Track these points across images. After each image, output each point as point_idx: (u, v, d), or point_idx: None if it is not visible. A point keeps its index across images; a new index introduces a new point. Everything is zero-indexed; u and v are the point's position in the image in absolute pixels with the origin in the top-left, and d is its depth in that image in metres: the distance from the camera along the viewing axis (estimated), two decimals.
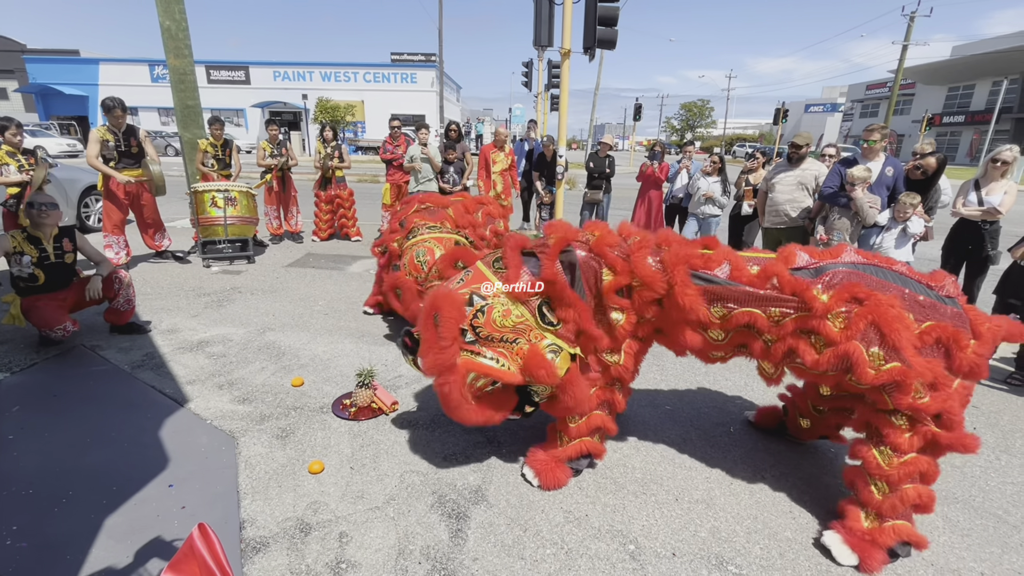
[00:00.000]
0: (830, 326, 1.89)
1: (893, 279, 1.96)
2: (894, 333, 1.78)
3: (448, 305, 1.99)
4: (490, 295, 2.10)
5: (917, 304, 1.88)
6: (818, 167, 4.82)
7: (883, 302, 1.82)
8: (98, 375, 3.28)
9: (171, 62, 6.35)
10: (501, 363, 2.07)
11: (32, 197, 3.51)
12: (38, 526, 2.03)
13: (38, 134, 20.95)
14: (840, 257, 2.08)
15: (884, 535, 1.94)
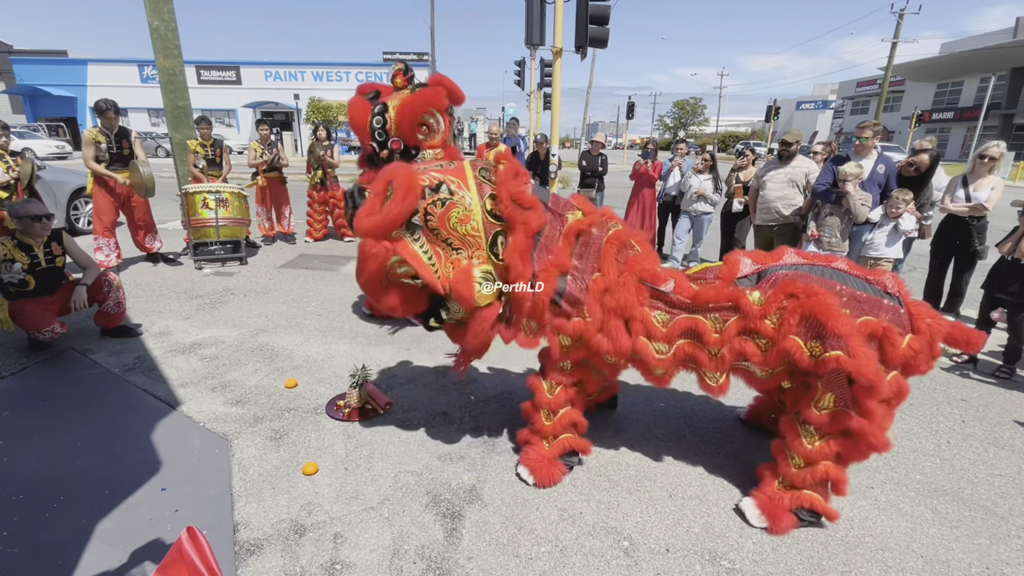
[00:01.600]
0: (767, 325, 2.00)
1: (832, 277, 2.05)
2: (830, 320, 1.85)
3: (406, 181, 1.92)
4: (457, 194, 2.04)
5: (854, 300, 1.96)
6: (808, 164, 4.85)
7: (815, 293, 1.91)
8: (89, 379, 3.26)
9: (160, 63, 6.30)
10: (433, 263, 2.04)
11: (33, 209, 3.47)
12: (30, 531, 2.01)
13: (26, 136, 20.71)
14: (781, 259, 2.19)
15: (790, 500, 2.12)
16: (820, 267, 2.11)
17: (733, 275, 2.16)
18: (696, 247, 6.40)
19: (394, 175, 1.92)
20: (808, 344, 1.90)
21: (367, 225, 1.91)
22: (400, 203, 1.90)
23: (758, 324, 1.99)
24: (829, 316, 1.85)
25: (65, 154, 20.94)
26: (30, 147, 18.32)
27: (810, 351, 1.90)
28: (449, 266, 2.04)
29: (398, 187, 1.90)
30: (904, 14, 25.85)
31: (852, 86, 43.31)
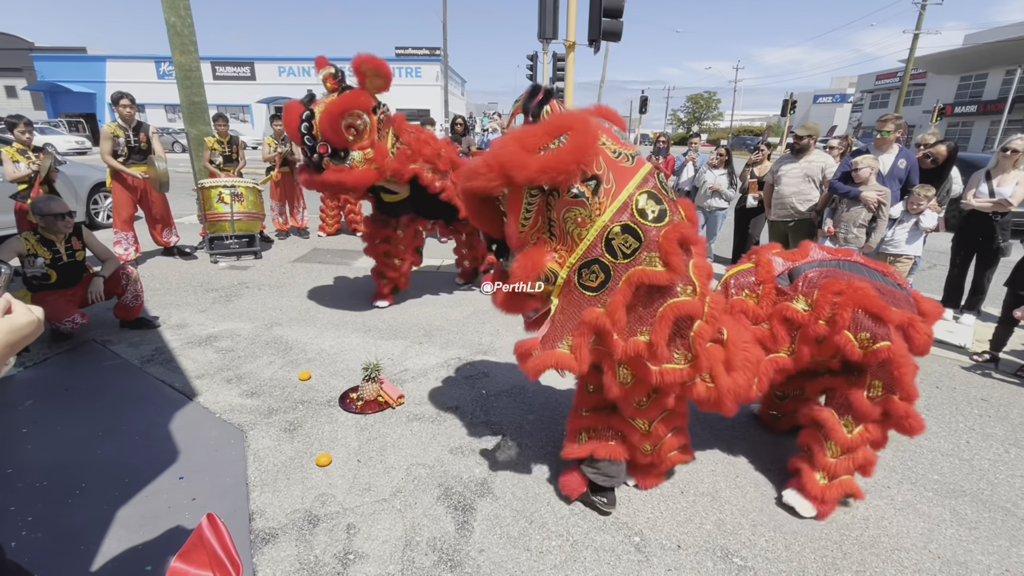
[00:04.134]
0: (821, 325, 2.07)
1: (855, 270, 2.16)
2: (883, 312, 1.96)
3: (583, 147, 1.64)
4: (595, 200, 1.71)
5: (879, 291, 2.07)
6: (825, 159, 4.77)
7: (860, 288, 2.02)
8: (109, 369, 3.33)
9: (177, 59, 6.37)
10: (525, 222, 1.84)
11: (56, 207, 3.54)
12: (53, 517, 2.07)
13: (47, 131, 21.11)
14: (810, 256, 2.27)
15: (837, 490, 2.17)
16: (843, 262, 2.20)
17: (772, 276, 2.24)
18: (710, 243, 6.33)
19: (576, 129, 1.64)
20: (858, 337, 1.99)
21: (512, 157, 1.63)
22: (562, 161, 1.61)
23: (815, 329, 2.07)
24: (878, 307, 1.95)
25: (84, 149, 21.31)
26: (50, 142, 18.69)
27: (860, 343, 1.99)
28: (535, 237, 1.85)
29: (570, 149, 1.62)
30: (927, 5, 25.20)
31: (871, 79, 42.40)
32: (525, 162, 1.61)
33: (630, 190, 1.72)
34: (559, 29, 6.88)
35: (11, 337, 0.73)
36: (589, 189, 1.69)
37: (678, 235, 1.71)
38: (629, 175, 1.73)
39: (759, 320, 2.23)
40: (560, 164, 1.61)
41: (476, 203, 1.92)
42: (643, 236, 1.69)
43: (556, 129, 1.66)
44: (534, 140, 1.65)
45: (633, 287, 1.71)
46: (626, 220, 1.70)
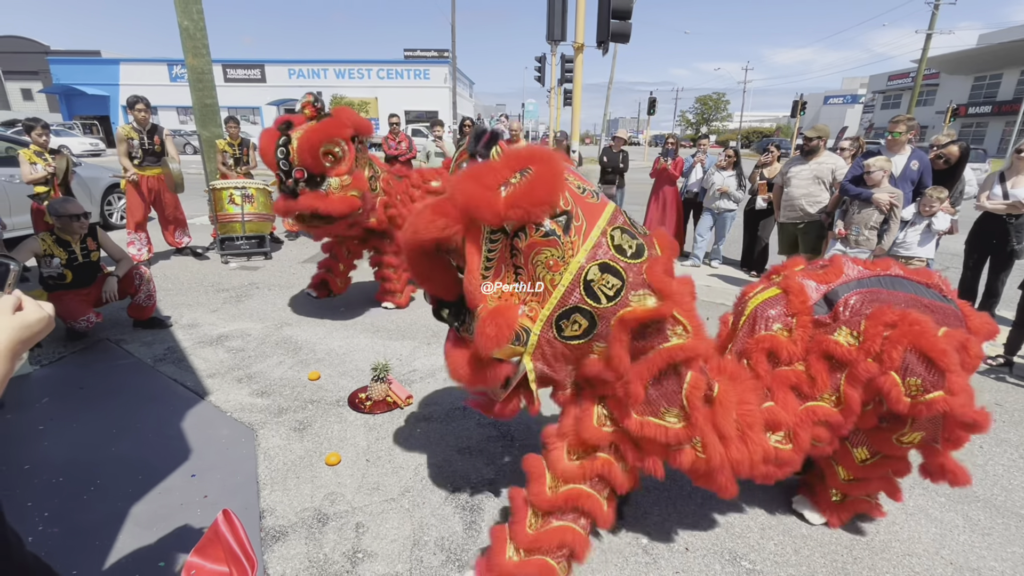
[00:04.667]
0: (871, 364, 1.71)
1: (898, 286, 1.84)
2: (938, 356, 1.60)
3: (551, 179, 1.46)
4: (566, 239, 1.51)
5: (928, 310, 1.78)
6: (835, 160, 4.74)
7: (917, 322, 1.65)
8: (122, 368, 3.38)
9: (189, 62, 6.45)
10: (487, 270, 1.60)
11: (72, 208, 3.60)
12: (68, 513, 2.11)
13: (62, 134, 21.44)
14: (845, 274, 1.92)
15: (848, 509, 2.13)
16: (884, 277, 1.89)
17: (808, 305, 1.86)
18: (718, 245, 6.31)
19: (540, 162, 1.48)
20: (906, 382, 1.65)
21: (473, 196, 1.45)
22: (533, 192, 1.44)
23: (865, 368, 1.70)
24: (935, 350, 1.60)
25: (99, 151, 21.63)
26: (65, 144, 18.99)
27: (908, 390, 1.65)
28: (497, 291, 1.60)
29: (539, 180, 1.46)
30: (940, 4, 24.90)
31: (883, 79, 41.98)
32: (489, 199, 1.44)
33: (601, 226, 1.55)
34: (568, 31, 6.90)
35: (23, 334, 0.74)
36: (559, 226, 1.50)
37: (664, 268, 1.58)
38: (597, 211, 1.58)
39: (793, 360, 1.85)
40: (531, 196, 1.43)
41: (423, 260, 1.67)
42: (625, 275, 1.52)
43: (517, 162, 1.50)
44: (494, 176, 1.47)
45: (628, 330, 1.54)
46: (604, 259, 1.52)
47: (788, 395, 1.81)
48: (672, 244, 1.72)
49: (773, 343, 1.87)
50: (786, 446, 1.77)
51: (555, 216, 1.52)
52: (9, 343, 0.72)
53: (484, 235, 1.54)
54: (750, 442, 1.67)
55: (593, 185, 1.68)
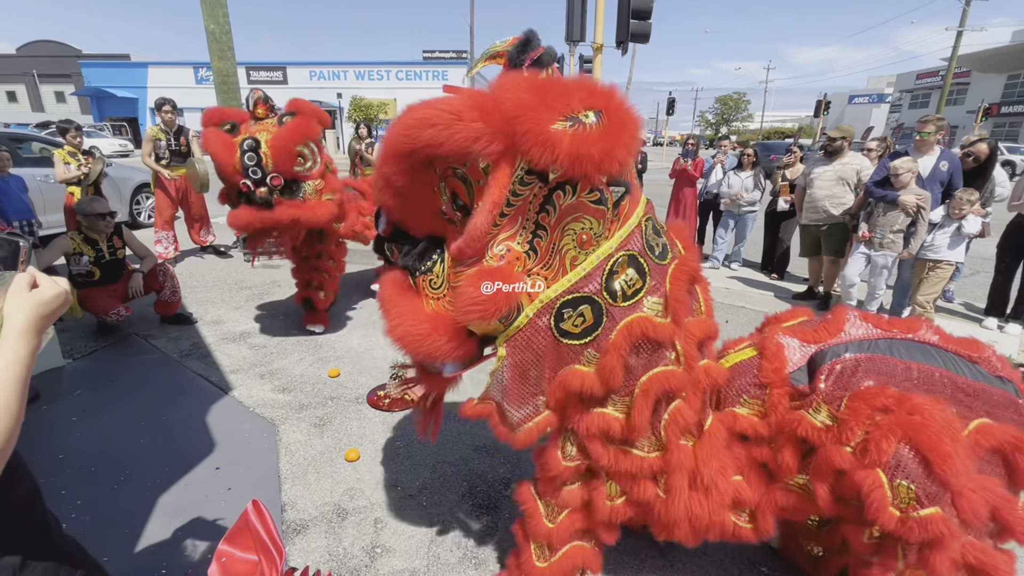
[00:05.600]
0: (845, 453, 1.30)
1: (923, 356, 1.39)
2: (939, 461, 1.18)
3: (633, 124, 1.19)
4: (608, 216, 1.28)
5: (959, 391, 1.33)
6: (860, 161, 4.64)
7: (919, 410, 1.24)
8: (150, 362, 3.48)
9: (215, 64, 6.59)
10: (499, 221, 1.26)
11: (98, 207, 3.73)
12: (100, 502, 2.18)
13: (92, 135, 22.12)
14: (843, 332, 1.49)
15: None
16: (901, 342, 1.42)
17: (783, 375, 1.47)
18: (739, 247, 6.22)
19: (620, 109, 1.17)
20: (894, 485, 1.22)
21: (528, 111, 1.09)
22: (608, 143, 1.12)
23: (836, 457, 1.30)
24: (940, 453, 1.17)
25: (127, 152, 22.27)
26: (96, 145, 19.61)
27: (896, 498, 1.22)
28: (503, 248, 1.26)
29: (622, 129, 1.15)
30: (971, 0, 24.18)
31: (911, 78, 40.90)
32: (553, 127, 1.08)
33: (640, 214, 1.32)
34: (587, 31, 6.89)
35: (41, 310, 0.74)
36: (614, 196, 1.24)
37: (687, 273, 1.34)
38: (638, 195, 1.35)
39: (762, 440, 1.50)
40: (608, 145, 1.10)
41: (406, 173, 1.23)
42: (649, 274, 1.30)
43: (592, 97, 1.15)
44: (563, 101, 1.11)
45: (632, 341, 1.27)
46: (634, 251, 1.29)
47: (754, 472, 1.50)
48: (693, 243, 1.52)
49: (736, 424, 1.51)
50: (746, 525, 1.50)
51: (614, 183, 1.24)
52: (30, 320, 0.72)
53: (518, 169, 1.17)
54: (712, 501, 1.42)
55: None
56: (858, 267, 4.20)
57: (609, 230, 1.27)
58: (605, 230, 1.26)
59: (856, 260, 4.19)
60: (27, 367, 0.70)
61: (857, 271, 4.22)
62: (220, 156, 3.14)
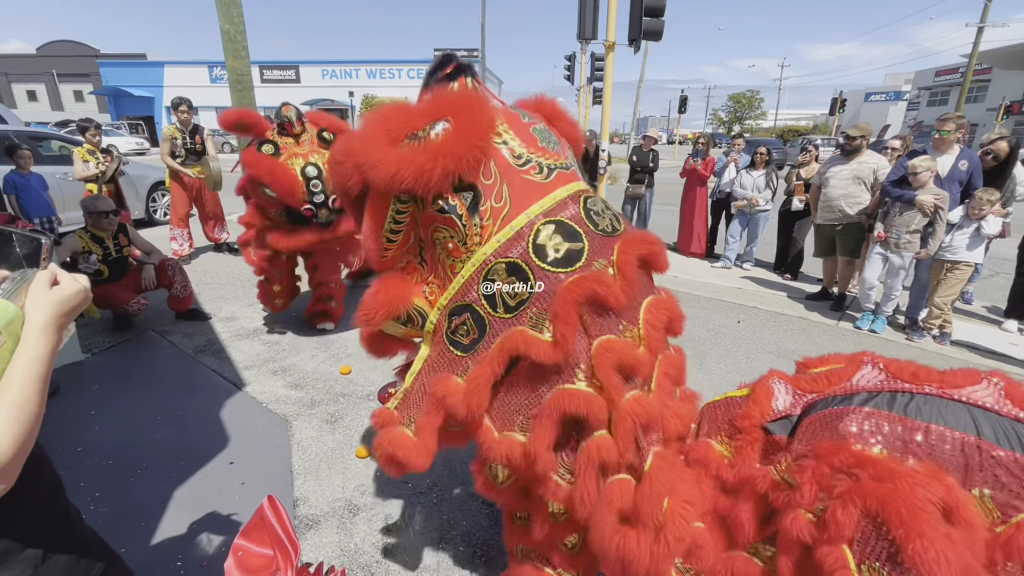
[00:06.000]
0: (803, 520, 1.06)
1: (953, 418, 1.02)
2: (917, 539, 0.89)
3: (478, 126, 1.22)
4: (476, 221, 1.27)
5: (1000, 468, 0.96)
6: (877, 160, 4.57)
7: (893, 474, 0.97)
8: (166, 358, 3.54)
9: (230, 64, 6.65)
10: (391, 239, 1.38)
11: (102, 205, 3.80)
12: (117, 494, 2.22)
13: (110, 133, 22.47)
14: (850, 380, 1.19)
15: None
16: (929, 399, 1.06)
17: (760, 417, 1.26)
18: (751, 246, 6.16)
19: (462, 114, 1.20)
20: (863, 567, 0.96)
21: (366, 146, 1.20)
22: (427, 158, 1.15)
23: (795, 525, 1.06)
24: (909, 530, 0.90)
25: (144, 150, 22.61)
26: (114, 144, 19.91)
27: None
28: (404, 260, 1.40)
29: (450, 139, 1.17)
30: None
31: (930, 75, 40.12)
32: (381, 155, 1.17)
33: (532, 214, 1.23)
34: (599, 29, 6.85)
35: (62, 307, 0.75)
36: (463, 203, 1.22)
37: (584, 292, 1.16)
38: (537, 193, 1.26)
39: (727, 487, 1.29)
40: (432, 158, 1.14)
41: (350, 203, 1.43)
42: (533, 282, 1.21)
43: (436, 111, 1.20)
44: (403, 123, 1.19)
45: (507, 356, 1.21)
46: (515, 257, 1.22)
47: (716, 527, 1.28)
48: (656, 254, 1.34)
49: (704, 455, 1.33)
50: None
51: (459, 189, 1.22)
52: (51, 317, 0.73)
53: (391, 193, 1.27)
54: (659, 545, 1.19)
55: (559, 156, 1.36)
56: (876, 269, 4.14)
57: (483, 236, 1.24)
58: (471, 237, 1.25)
59: (874, 262, 4.13)
60: (47, 364, 0.71)
61: (876, 273, 4.16)
62: (282, 184, 3.20)
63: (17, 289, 0.74)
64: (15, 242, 0.76)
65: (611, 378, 1.17)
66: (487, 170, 1.22)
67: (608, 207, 1.38)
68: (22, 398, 0.67)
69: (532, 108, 1.49)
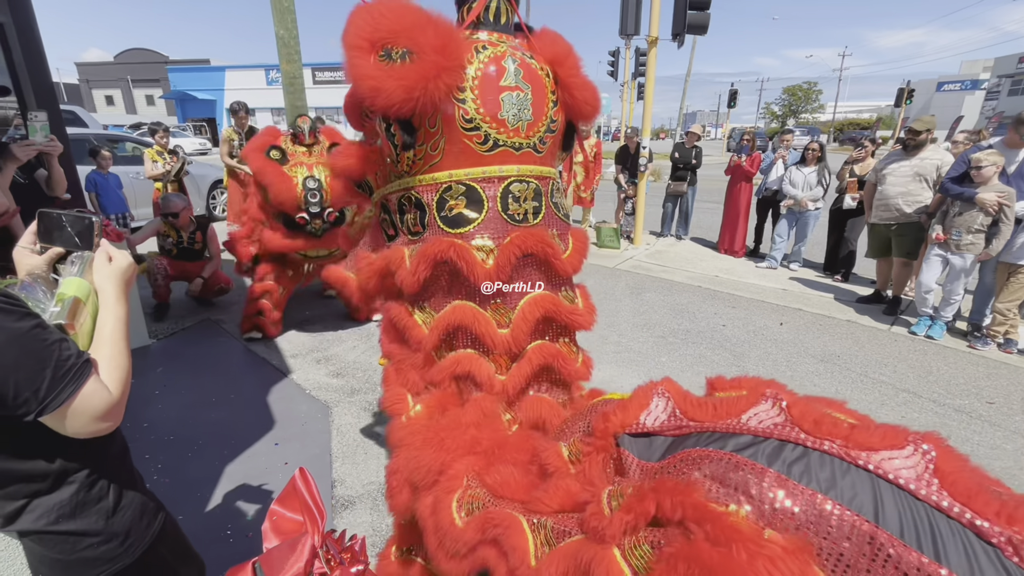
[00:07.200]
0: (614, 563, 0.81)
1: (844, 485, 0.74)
2: None
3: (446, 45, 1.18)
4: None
5: (888, 568, 0.67)
6: (941, 155, 4.29)
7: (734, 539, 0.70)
8: (221, 345, 3.80)
9: (284, 67, 7.01)
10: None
11: (170, 205, 4.21)
12: (177, 467, 2.43)
13: (176, 135, 24.01)
14: (744, 416, 0.90)
15: None
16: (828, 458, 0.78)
17: (617, 428, 1.01)
18: (799, 246, 5.92)
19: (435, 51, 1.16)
20: None
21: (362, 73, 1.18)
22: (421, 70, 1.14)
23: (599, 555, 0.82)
24: None
25: (206, 150, 24.07)
26: (179, 144, 21.31)
27: None
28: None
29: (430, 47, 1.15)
30: None
31: (1012, 62, 36.84)
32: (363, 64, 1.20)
33: (455, 176, 1.33)
34: (641, 24, 6.74)
35: (124, 276, 0.93)
36: (400, 137, 1.31)
37: (443, 255, 1.30)
38: (470, 161, 1.34)
39: (564, 508, 1.02)
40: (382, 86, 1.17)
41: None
42: (424, 227, 1.38)
43: (413, 41, 1.20)
44: (386, 34, 1.23)
45: (385, 264, 1.48)
46: (424, 200, 1.36)
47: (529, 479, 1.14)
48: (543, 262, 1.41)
49: (544, 453, 1.14)
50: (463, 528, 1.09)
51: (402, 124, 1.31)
52: (119, 287, 0.91)
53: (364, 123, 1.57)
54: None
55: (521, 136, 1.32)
56: (935, 272, 3.91)
57: (411, 168, 1.36)
58: (403, 164, 1.37)
59: (933, 264, 3.90)
60: (127, 324, 0.91)
61: (935, 276, 3.92)
62: (279, 190, 3.34)
63: (85, 268, 0.88)
64: (65, 222, 0.89)
65: (436, 331, 1.36)
66: (433, 120, 1.26)
67: (541, 200, 1.39)
68: (116, 351, 0.86)
69: (546, 56, 1.38)
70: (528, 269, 1.38)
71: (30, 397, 0.74)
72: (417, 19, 1.17)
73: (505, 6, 1.37)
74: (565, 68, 1.38)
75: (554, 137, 1.41)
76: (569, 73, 1.38)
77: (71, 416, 0.78)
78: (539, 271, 1.40)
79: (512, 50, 1.32)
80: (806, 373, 3.47)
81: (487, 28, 1.35)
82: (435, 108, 1.20)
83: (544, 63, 1.37)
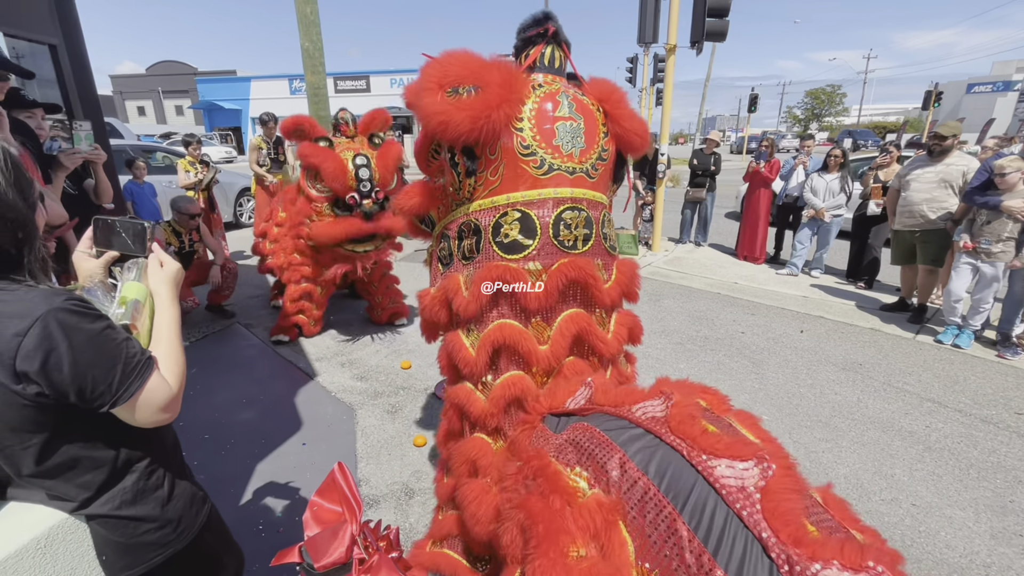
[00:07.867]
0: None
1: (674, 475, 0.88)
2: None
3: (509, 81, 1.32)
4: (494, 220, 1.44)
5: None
6: (967, 161, 4.21)
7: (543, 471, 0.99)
8: (250, 348, 3.94)
9: (309, 78, 7.23)
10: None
11: (191, 208, 4.29)
12: (211, 464, 2.55)
13: (204, 143, 24.76)
14: (635, 407, 1.06)
15: None
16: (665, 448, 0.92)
17: (548, 408, 1.24)
18: (821, 253, 5.86)
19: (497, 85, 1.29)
20: None
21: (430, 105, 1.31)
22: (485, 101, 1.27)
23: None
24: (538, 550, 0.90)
25: (232, 158, 24.77)
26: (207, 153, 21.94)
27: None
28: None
29: (494, 83, 1.29)
30: None
31: None
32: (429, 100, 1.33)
33: (512, 200, 1.40)
34: (659, 32, 6.78)
35: (176, 279, 1.02)
36: (464, 164, 1.42)
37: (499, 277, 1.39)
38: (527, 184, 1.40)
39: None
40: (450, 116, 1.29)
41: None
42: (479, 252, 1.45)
43: (478, 79, 1.32)
44: (455, 76, 1.35)
45: (445, 294, 1.57)
46: (481, 224, 1.44)
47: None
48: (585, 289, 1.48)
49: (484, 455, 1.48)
50: None
51: (466, 152, 1.43)
52: (172, 290, 1.01)
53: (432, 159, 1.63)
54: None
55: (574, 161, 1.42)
56: (965, 281, 3.84)
57: (472, 195, 1.45)
58: (465, 191, 1.46)
59: (962, 272, 3.83)
60: (179, 324, 1.01)
61: (965, 285, 3.85)
62: (331, 167, 3.38)
63: (141, 272, 0.97)
64: (119, 228, 0.98)
65: (483, 350, 1.44)
66: (494, 147, 1.36)
67: (592, 228, 1.45)
68: (172, 349, 0.96)
69: (595, 94, 1.51)
70: (570, 292, 1.47)
71: (105, 390, 0.83)
72: (483, 62, 1.33)
73: (559, 53, 1.50)
74: (611, 102, 1.50)
75: (605, 166, 1.50)
76: (616, 106, 1.49)
77: (139, 407, 0.88)
78: (580, 295, 1.49)
79: (565, 88, 1.45)
80: (827, 381, 3.44)
81: (542, 71, 1.49)
82: (496, 136, 1.30)
83: (594, 99, 1.50)
